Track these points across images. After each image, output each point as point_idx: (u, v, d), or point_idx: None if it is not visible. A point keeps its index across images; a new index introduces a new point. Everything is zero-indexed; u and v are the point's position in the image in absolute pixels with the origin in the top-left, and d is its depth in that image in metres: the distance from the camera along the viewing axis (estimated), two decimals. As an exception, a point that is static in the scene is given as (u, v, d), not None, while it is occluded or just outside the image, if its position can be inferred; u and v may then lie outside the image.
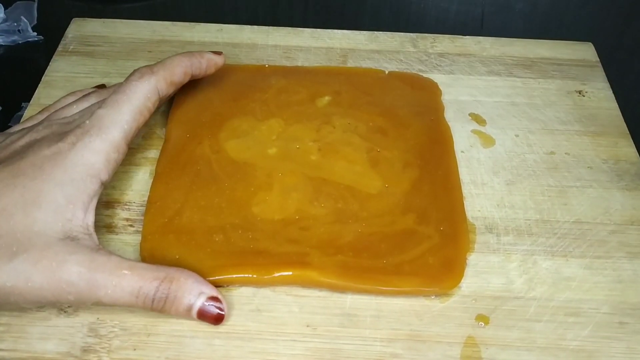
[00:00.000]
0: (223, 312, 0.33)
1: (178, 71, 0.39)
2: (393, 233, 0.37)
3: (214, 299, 0.33)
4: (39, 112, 0.39)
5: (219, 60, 0.42)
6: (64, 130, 0.34)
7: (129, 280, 0.31)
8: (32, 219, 0.31)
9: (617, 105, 0.47)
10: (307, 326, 0.34)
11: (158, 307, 0.32)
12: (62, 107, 0.38)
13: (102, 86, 0.43)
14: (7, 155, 0.34)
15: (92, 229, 0.33)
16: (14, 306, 0.32)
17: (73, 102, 0.39)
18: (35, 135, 0.35)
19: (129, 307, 0.32)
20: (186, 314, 0.32)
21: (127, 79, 0.37)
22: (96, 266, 0.31)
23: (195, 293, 0.32)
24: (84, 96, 0.39)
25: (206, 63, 0.41)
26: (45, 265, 0.31)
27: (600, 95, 0.48)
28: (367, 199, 0.39)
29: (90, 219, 0.33)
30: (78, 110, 0.37)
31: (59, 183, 0.32)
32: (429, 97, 0.46)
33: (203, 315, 0.33)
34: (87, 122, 0.34)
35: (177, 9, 0.59)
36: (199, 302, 0.32)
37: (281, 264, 0.35)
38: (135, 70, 0.37)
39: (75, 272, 0.31)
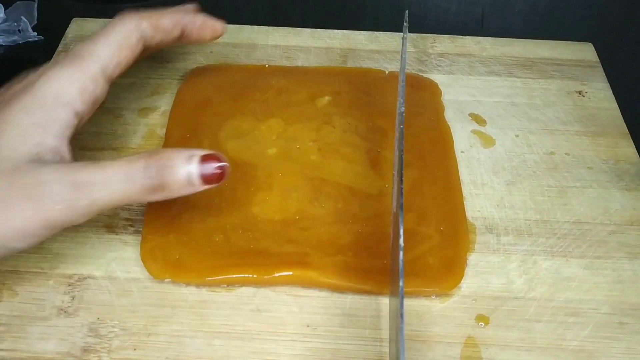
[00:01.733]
0: (225, 164, 0.31)
1: (166, 18, 0.37)
2: (393, 233, 0.37)
3: (208, 157, 0.31)
4: None
5: (216, 26, 0.40)
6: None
7: (115, 169, 0.30)
8: None
9: (617, 105, 0.47)
10: (307, 326, 0.34)
11: (158, 186, 0.30)
12: None
13: None
14: None
15: (68, 160, 0.31)
16: (5, 250, 0.30)
17: None
18: (7, 86, 0.34)
19: (131, 201, 0.30)
20: (189, 184, 0.30)
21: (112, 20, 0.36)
22: (75, 170, 0.29)
23: (185, 156, 0.30)
24: None
25: (200, 22, 0.39)
26: (20, 186, 0.29)
27: (600, 95, 0.48)
28: (367, 199, 0.39)
29: (65, 150, 0.31)
30: None
31: (25, 108, 0.31)
32: (429, 97, 0.46)
33: (208, 180, 0.31)
34: (61, 56, 0.33)
35: (177, 9, 0.59)
36: (195, 167, 0.30)
37: (281, 264, 0.35)
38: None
39: (54, 180, 0.29)
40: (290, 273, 0.35)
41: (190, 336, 0.33)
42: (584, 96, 0.47)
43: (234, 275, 0.35)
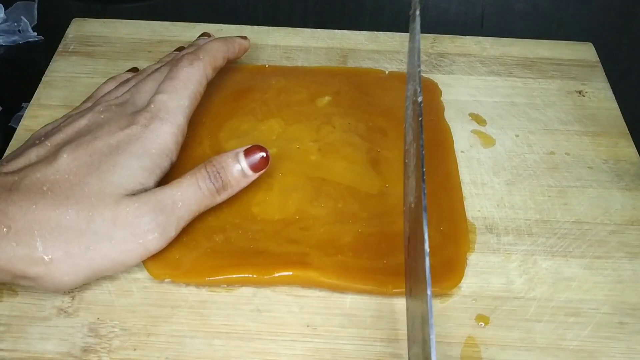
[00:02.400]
0: (265, 149, 0.36)
1: (219, 57, 0.41)
2: (393, 233, 0.37)
3: (250, 150, 0.36)
4: (84, 102, 0.41)
5: (246, 44, 0.45)
6: (127, 113, 0.36)
7: (187, 183, 0.34)
8: (105, 183, 0.33)
9: (617, 105, 0.47)
10: (307, 326, 0.34)
11: (221, 187, 0.35)
12: (108, 93, 0.40)
13: (134, 69, 0.44)
14: (73, 133, 0.36)
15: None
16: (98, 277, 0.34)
17: (115, 87, 0.40)
18: (96, 116, 0.36)
19: (204, 207, 0.35)
20: (244, 177, 0.36)
21: (177, 65, 0.39)
22: (159, 196, 0.33)
23: (232, 156, 0.36)
24: (124, 81, 0.41)
25: (238, 47, 0.44)
26: (122, 220, 0.32)
27: (600, 95, 0.48)
28: (367, 199, 0.39)
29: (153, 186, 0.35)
30: (123, 92, 0.39)
31: (136, 155, 0.34)
32: (429, 97, 0.46)
33: (256, 168, 0.36)
34: (152, 106, 0.36)
35: (177, 9, 0.59)
36: (243, 162, 0.35)
37: (281, 264, 0.35)
38: (182, 57, 0.39)
39: (146, 212, 0.33)
40: (290, 273, 0.35)
41: (190, 336, 0.33)
42: (584, 96, 0.47)
43: (234, 275, 0.35)
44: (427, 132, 0.43)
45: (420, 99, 0.33)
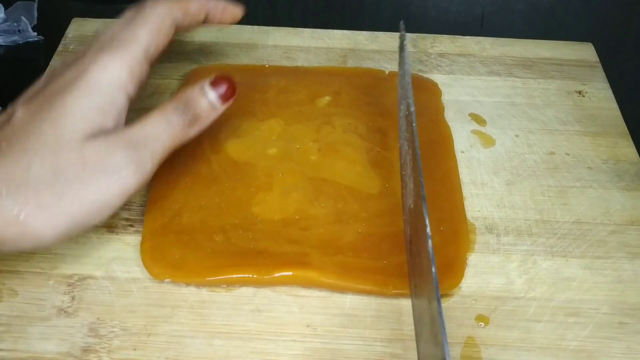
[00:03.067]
0: (231, 80, 0.35)
1: (194, 3, 0.39)
2: (393, 233, 0.37)
3: (216, 81, 0.35)
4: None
5: (236, 11, 0.42)
6: (79, 57, 0.34)
7: (156, 117, 0.33)
8: (60, 129, 0.31)
9: (617, 105, 0.47)
10: (307, 326, 0.34)
11: (191, 120, 0.34)
12: None
13: None
14: (31, 92, 0.34)
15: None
16: (83, 227, 0.32)
17: None
18: (52, 72, 0.35)
19: (177, 141, 0.34)
20: (213, 108, 0.35)
21: (139, 6, 0.37)
22: (129, 133, 0.32)
23: (198, 89, 0.35)
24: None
25: (222, 8, 0.41)
26: (91, 163, 0.31)
27: (600, 95, 0.48)
28: (367, 199, 0.39)
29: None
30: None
31: (84, 93, 0.32)
32: (429, 97, 0.46)
33: (225, 97, 0.35)
34: (102, 38, 0.34)
35: (177, 9, 0.59)
36: (211, 93, 0.35)
37: (281, 264, 0.35)
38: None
39: (116, 148, 0.31)
40: (290, 273, 0.35)
41: (190, 336, 0.33)
42: (584, 96, 0.47)
43: (234, 275, 0.35)
44: (427, 132, 0.43)
45: (412, 108, 0.36)
